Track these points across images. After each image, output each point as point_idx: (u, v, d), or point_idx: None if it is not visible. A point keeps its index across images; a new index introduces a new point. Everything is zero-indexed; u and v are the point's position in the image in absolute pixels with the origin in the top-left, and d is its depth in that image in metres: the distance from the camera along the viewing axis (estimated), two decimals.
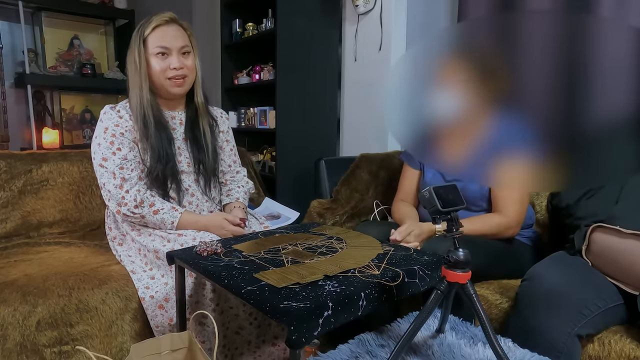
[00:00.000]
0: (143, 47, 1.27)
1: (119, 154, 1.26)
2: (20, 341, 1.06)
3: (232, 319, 1.23)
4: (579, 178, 0.66)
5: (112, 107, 1.32)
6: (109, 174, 1.24)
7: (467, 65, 0.71)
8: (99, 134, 1.28)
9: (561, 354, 0.98)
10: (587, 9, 1.59)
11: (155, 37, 1.27)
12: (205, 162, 1.39)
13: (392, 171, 1.87)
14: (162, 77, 1.29)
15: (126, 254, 1.33)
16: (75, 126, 3.34)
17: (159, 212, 1.24)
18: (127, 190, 1.23)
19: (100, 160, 1.26)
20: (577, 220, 1.30)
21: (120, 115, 1.30)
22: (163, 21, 1.28)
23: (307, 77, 2.35)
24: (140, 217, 1.24)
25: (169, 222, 1.24)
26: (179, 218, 1.24)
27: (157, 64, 1.28)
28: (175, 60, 1.28)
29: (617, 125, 0.61)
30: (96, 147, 1.27)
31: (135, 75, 1.28)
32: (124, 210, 1.24)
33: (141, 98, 1.28)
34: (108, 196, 1.25)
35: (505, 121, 0.68)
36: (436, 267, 1.01)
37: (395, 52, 2.22)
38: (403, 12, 2.22)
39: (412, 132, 0.77)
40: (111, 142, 1.27)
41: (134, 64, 1.28)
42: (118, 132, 1.28)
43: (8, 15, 2.99)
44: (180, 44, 1.29)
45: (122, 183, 1.24)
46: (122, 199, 1.23)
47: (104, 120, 1.29)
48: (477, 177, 1.03)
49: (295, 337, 0.73)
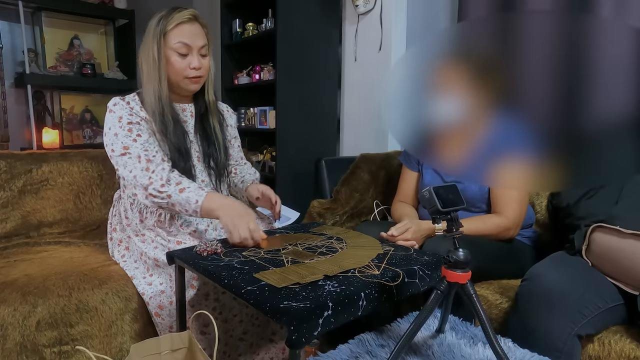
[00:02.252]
0: (163, 42, 1.24)
1: (139, 139, 1.22)
2: (20, 341, 1.06)
3: (236, 326, 1.23)
4: (579, 178, 0.66)
5: (121, 98, 1.28)
6: (133, 159, 1.19)
7: (467, 65, 0.71)
8: (113, 124, 1.23)
9: (561, 354, 0.98)
10: (587, 9, 1.59)
11: (177, 34, 1.24)
12: (216, 158, 1.37)
13: (392, 171, 1.87)
14: (181, 75, 1.27)
15: (131, 260, 1.31)
16: (75, 126, 3.34)
17: (184, 190, 1.16)
18: (153, 170, 1.18)
19: (121, 150, 1.20)
20: (577, 220, 1.30)
21: (131, 107, 1.26)
22: (186, 19, 1.25)
23: (307, 77, 2.35)
24: (167, 196, 1.16)
25: (194, 201, 1.14)
26: (204, 196, 1.15)
27: (177, 62, 1.25)
28: (196, 60, 1.26)
29: (617, 125, 0.61)
30: (113, 138, 1.22)
31: (154, 70, 1.25)
32: (150, 190, 1.16)
33: (160, 93, 1.26)
34: (134, 182, 1.18)
35: (504, 121, 0.68)
36: (436, 267, 1.01)
37: (395, 52, 2.22)
38: (403, 12, 2.22)
39: (412, 132, 0.77)
40: (129, 129, 1.22)
41: (152, 59, 1.24)
42: (134, 121, 1.24)
43: (8, 15, 2.99)
44: (200, 43, 1.27)
45: (147, 165, 1.19)
46: (148, 180, 1.17)
47: (115, 110, 1.24)
48: (476, 177, 1.03)
49: (295, 337, 0.73)
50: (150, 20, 1.27)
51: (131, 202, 1.33)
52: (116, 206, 1.41)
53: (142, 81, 1.29)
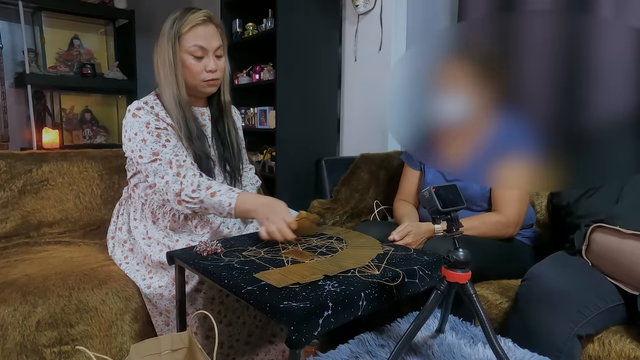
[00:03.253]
0: (178, 45, 1.22)
1: (169, 145, 1.20)
2: (20, 341, 1.06)
3: (240, 329, 1.23)
4: (580, 177, 0.66)
5: (145, 102, 1.25)
6: (164, 164, 1.17)
7: (467, 65, 0.71)
8: (140, 130, 1.20)
9: (561, 354, 0.98)
10: (587, 9, 1.59)
11: (192, 36, 1.22)
12: (231, 161, 1.37)
13: (392, 171, 1.87)
14: (198, 78, 1.25)
15: (134, 262, 1.30)
16: (75, 126, 3.34)
17: (216, 194, 1.15)
18: (184, 175, 1.17)
19: (150, 156, 1.18)
20: (577, 220, 1.30)
21: (156, 112, 1.24)
22: (200, 20, 1.23)
23: (307, 77, 2.35)
24: (199, 201, 1.15)
25: (227, 204, 1.13)
26: (235, 198, 1.13)
27: (193, 66, 1.23)
28: (212, 63, 1.24)
29: (617, 124, 0.61)
30: (141, 144, 1.19)
31: (170, 74, 1.23)
32: (182, 196, 1.15)
33: (179, 98, 1.24)
34: (165, 189, 1.17)
35: (505, 121, 0.68)
36: (436, 267, 1.01)
37: (395, 52, 2.22)
38: (403, 12, 2.21)
39: (412, 132, 0.77)
40: (157, 135, 1.20)
41: (169, 62, 1.22)
42: (162, 126, 1.22)
43: (8, 15, 2.99)
44: (216, 44, 1.25)
45: (178, 170, 1.17)
46: (180, 185, 1.16)
47: (141, 116, 1.21)
48: (478, 177, 1.03)
49: (295, 337, 0.73)
50: (164, 22, 1.25)
51: (143, 202, 1.32)
52: (124, 205, 1.40)
53: (159, 84, 1.27)
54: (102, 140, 3.42)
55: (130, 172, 1.34)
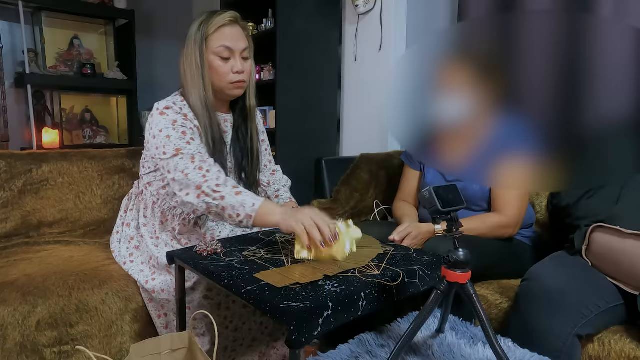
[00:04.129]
0: (205, 46, 1.21)
1: (193, 143, 1.17)
2: (20, 341, 1.06)
3: (246, 334, 1.23)
4: (580, 178, 0.66)
5: (174, 102, 1.23)
6: (186, 159, 1.14)
7: (468, 65, 0.71)
8: (166, 126, 1.18)
9: (561, 354, 0.98)
10: (587, 9, 1.59)
11: (218, 37, 1.21)
12: (247, 170, 1.34)
13: (392, 171, 1.87)
14: (225, 80, 1.23)
15: (138, 261, 1.30)
16: (75, 126, 3.33)
17: (241, 193, 1.09)
18: (208, 169, 1.13)
19: (173, 152, 1.15)
20: (577, 220, 1.30)
21: (185, 113, 1.22)
22: (227, 21, 1.22)
23: (307, 77, 2.35)
24: (221, 197, 1.08)
25: (250, 204, 1.06)
26: (262, 201, 1.07)
27: (220, 67, 1.22)
28: (239, 64, 1.23)
29: (617, 124, 0.61)
30: (165, 140, 1.16)
31: (197, 76, 1.21)
32: (204, 188, 1.09)
33: (206, 100, 1.23)
34: (185, 182, 1.12)
35: (505, 121, 0.68)
36: (436, 267, 1.01)
37: (395, 52, 2.22)
38: (403, 12, 2.22)
39: (412, 132, 0.77)
40: (183, 132, 1.18)
41: (195, 64, 1.21)
42: (188, 126, 1.20)
43: (8, 15, 2.99)
44: (242, 45, 1.24)
45: (201, 164, 1.13)
46: (202, 178, 1.11)
47: (169, 114, 1.20)
48: (478, 177, 1.03)
49: (296, 337, 0.73)
50: (191, 25, 1.24)
51: (154, 201, 1.30)
52: (134, 201, 1.38)
53: (185, 87, 1.25)
54: (102, 140, 3.42)
55: (146, 169, 1.31)
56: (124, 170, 1.78)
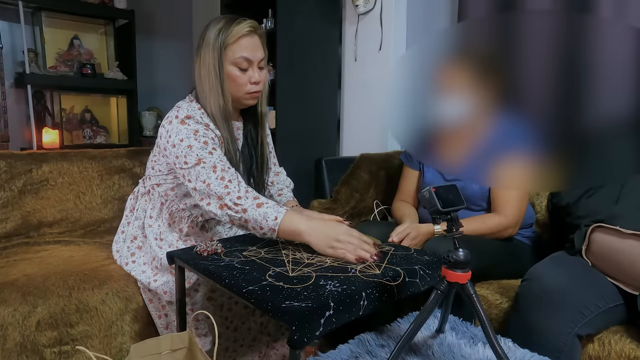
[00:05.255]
0: (224, 55, 1.19)
1: (215, 153, 1.15)
2: (20, 341, 1.06)
3: (245, 334, 1.23)
4: (580, 177, 0.66)
5: (193, 111, 1.20)
6: (208, 168, 1.12)
7: (467, 65, 0.71)
8: (187, 136, 1.15)
9: (561, 354, 0.98)
10: (587, 9, 1.59)
11: (238, 47, 1.19)
12: (256, 176, 1.34)
13: (392, 171, 1.87)
14: (242, 91, 1.22)
15: (140, 261, 1.29)
16: (75, 126, 3.33)
17: (262, 205, 1.08)
18: (230, 180, 1.11)
19: (194, 161, 1.13)
20: (577, 220, 1.30)
21: (206, 123, 1.19)
22: (246, 31, 1.19)
23: (307, 77, 2.35)
24: (242, 210, 1.08)
25: (272, 218, 1.05)
26: (283, 214, 1.06)
27: (238, 77, 1.20)
28: (257, 74, 1.22)
29: (617, 124, 0.61)
30: (187, 150, 1.13)
31: (216, 85, 1.19)
32: (226, 201, 1.09)
33: (225, 110, 1.21)
34: (207, 191, 1.11)
35: (505, 121, 0.68)
36: (436, 267, 1.01)
37: (395, 52, 2.22)
38: (403, 12, 2.22)
39: (412, 132, 0.77)
40: (204, 142, 1.15)
41: (214, 74, 1.19)
42: (210, 136, 1.17)
43: (8, 15, 2.99)
44: (260, 55, 1.22)
45: (223, 174, 1.11)
46: (224, 189, 1.10)
47: (190, 124, 1.16)
48: (477, 177, 1.03)
49: (297, 337, 0.73)
50: (206, 31, 1.21)
51: (162, 202, 1.29)
52: (139, 200, 1.37)
53: (202, 95, 1.23)
54: (102, 140, 3.42)
55: (156, 171, 1.29)
56: (124, 170, 1.78)
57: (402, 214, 1.50)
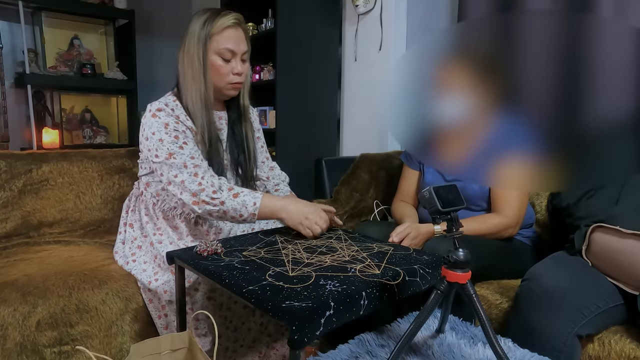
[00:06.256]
0: (208, 46, 1.22)
1: (186, 147, 1.19)
2: (20, 341, 1.06)
3: (245, 335, 1.23)
4: (580, 178, 0.66)
5: (165, 104, 1.23)
6: (179, 166, 1.16)
7: (467, 65, 0.71)
8: (158, 129, 1.19)
9: (561, 354, 0.98)
10: (587, 9, 1.59)
11: (223, 38, 1.22)
12: (244, 165, 1.36)
13: (392, 171, 1.87)
14: (224, 81, 1.25)
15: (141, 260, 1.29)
16: (75, 126, 3.34)
17: (239, 195, 1.15)
18: (202, 176, 1.16)
19: (165, 156, 1.17)
20: (577, 220, 1.30)
21: (177, 115, 1.23)
22: (231, 23, 1.22)
23: (307, 77, 2.35)
24: (220, 203, 1.14)
25: (251, 204, 1.14)
26: (260, 198, 1.15)
27: (221, 67, 1.24)
28: (239, 66, 1.25)
29: (617, 124, 0.61)
30: (158, 144, 1.18)
31: (199, 74, 1.22)
32: (202, 197, 1.14)
33: (206, 99, 1.24)
34: (180, 188, 1.16)
35: (505, 121, 0.68)
36: (436, 266, 1.01)
37: (395, 52, 2.22)
38: (403, 12, 2.22)
39: (412, 132, 0.77)
40: (175, 136, 1.19)
41: (198, 62, 1.22)
42: (180, 129, 1.21)
43: (8, 15, 2.99)
44: (244, 48, 1.26)
45: (196, 171, 1.16)
46: (198, 186, 1.15)
47: (161, 117, 1.20)
48: (477, 177, 1.03)
49: (298, 337, 0.73)
50: (192, 22, 1.23)
51: (154, 202, 1.31)
52: (135, 202, 1.39)
53: (182, 84, 1.26)
54: (102, 140, 3.42)
55: (144, 169, 1.33)
56: (124, 170, 1.78)
57: (402, 214, 1.50)
